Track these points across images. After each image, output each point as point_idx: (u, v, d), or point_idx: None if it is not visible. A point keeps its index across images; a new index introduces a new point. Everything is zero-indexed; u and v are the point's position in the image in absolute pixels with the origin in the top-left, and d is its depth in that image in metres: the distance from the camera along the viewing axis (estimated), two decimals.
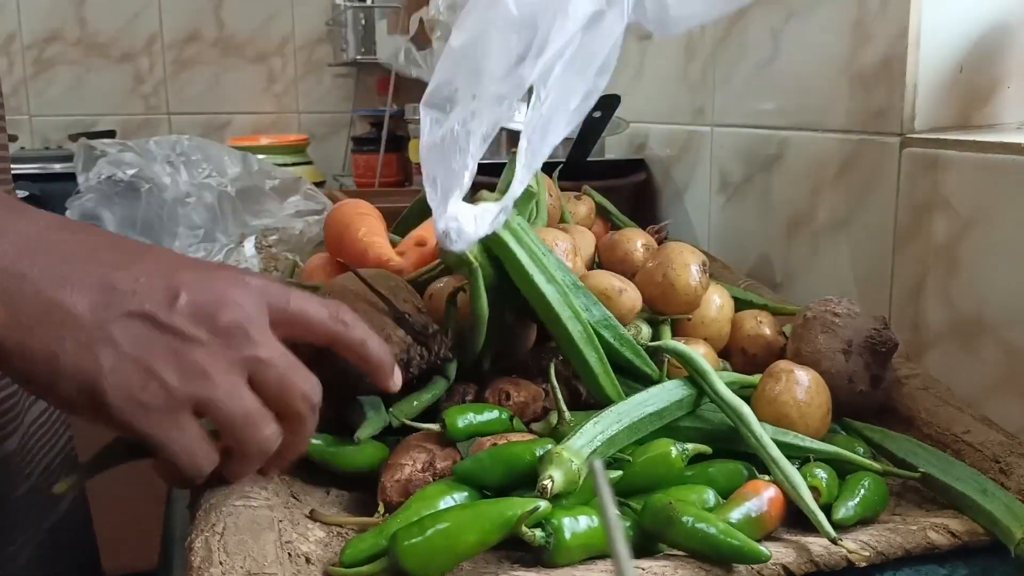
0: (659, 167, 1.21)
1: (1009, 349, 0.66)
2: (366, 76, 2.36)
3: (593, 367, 0.62)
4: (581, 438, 0.53)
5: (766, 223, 0.97)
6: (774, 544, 0.51)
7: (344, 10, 2.16)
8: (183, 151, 1.21)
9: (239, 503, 0.50)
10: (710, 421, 0.60)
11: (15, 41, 2.15)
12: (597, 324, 0.64)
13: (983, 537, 0.53)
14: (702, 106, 1.09)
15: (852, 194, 0.83)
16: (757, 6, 0.96)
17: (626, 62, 1.30)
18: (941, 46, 0.75)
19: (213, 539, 0.46)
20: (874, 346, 0.64)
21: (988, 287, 0.68)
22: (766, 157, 0.96)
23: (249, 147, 2.04)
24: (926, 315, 0.74)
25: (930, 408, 0.66)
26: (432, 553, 0.47)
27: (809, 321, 0.67)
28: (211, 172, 1.20)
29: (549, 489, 0.49)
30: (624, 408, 0.57)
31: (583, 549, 0.49)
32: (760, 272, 0.97)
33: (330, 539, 0.52)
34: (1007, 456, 0.58)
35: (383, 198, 1.20)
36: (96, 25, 2.19)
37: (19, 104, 2.18)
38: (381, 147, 2.06)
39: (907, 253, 0.76)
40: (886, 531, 0.52)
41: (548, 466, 0.50)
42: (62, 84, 2.20)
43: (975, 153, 0.69)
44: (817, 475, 0.55)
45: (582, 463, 0.51)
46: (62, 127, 2.12)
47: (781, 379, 0.61)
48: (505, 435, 0.58)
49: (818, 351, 0.65)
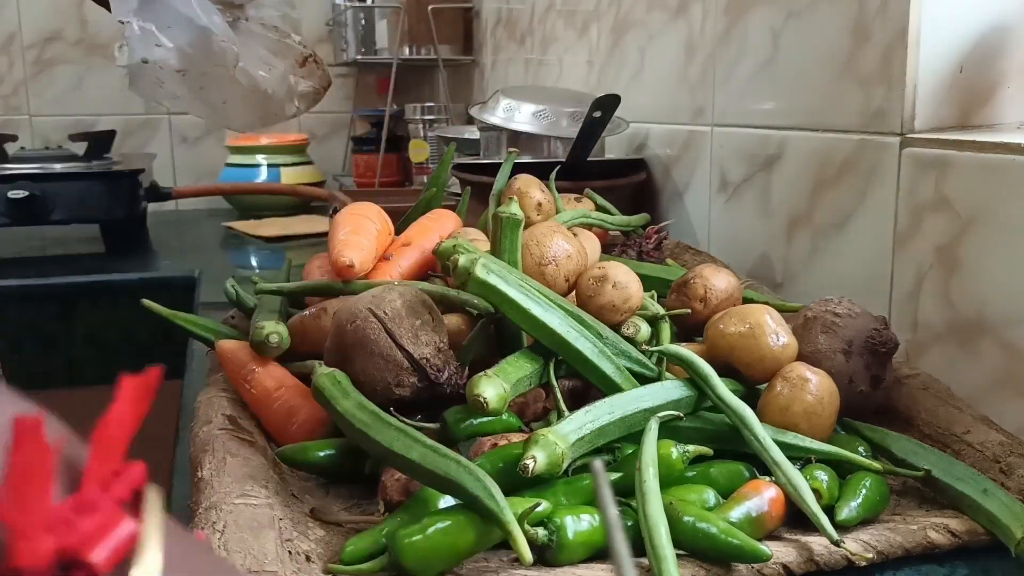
0: (659, 167, 1.21)
1: (1009, 349, 0.66)
2: (366, 76, 2.36)
3: (614, 378, 0.61)
4: (570, 424, 0.53)
5: (766, 223, 0.97)
6: (775, 543, 0.51)
7: (344, 10, 2.16)
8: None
9: (239, 501, 0.50)
10: (711, 422, 0.60)
11: (15, 41, 2.15)
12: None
13: (983, 537, 0.53)
14: (702, 106, 1.09)
15: (852, 194, 0.83)
16: (757, 6, 0.96)
17: (626, 62, 1.30)
18: (941, 46, 0.75)
19: (213, 537, 0.47)
20: (874, 346, 0.64)
21: (988, 287, 0.68)
22: (766, 157, 0.96)
23: (249, 147, 2.04)
24: (926, 315, 0.74)
25: (930, 408, 0.66)
26: (432, 551, 0.47)
27: (809, 321, 0.67)
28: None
29: (531, 468, 0.49)
30: (618, 401, 0.57)
31: (585, 548, 0.49)
32: (760, 272, 0.97)
33: (331, 537, 0.52)
34: (1007, 456, 0.58)
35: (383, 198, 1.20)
36: (96, 25, 2.19)
37: (19, 104, 2.19)
38: (381, 147, 2.06)
39: (907, 253, 0.76)
40: (886, 531, 0.53)
41: (532, 447, 0.51)
42: (62, 84, 2.20)
43: (975, 153, 0.69)
44: (818, 477, 0.55)
45: (567, 447, 0.52)
46: (62, 127, 2.12)
47: (795, 384, 0.60)
48: (506, 435, 0.58)
49: (818, 351, 0.65)
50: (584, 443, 0.54)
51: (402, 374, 0.60)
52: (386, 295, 0.63)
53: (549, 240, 0.70)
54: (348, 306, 0.63)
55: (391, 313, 0.61)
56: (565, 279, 0.70)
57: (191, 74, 0.83)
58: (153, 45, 0.80)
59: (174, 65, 0.81)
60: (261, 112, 0.92)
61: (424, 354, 0.61)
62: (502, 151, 1.29)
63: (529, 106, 1.26)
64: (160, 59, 0.81)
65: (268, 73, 0.89)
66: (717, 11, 1.04)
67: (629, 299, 0.68)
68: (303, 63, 0.93)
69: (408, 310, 0.62)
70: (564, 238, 0.71)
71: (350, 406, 0.55)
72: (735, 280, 0.75)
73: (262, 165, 2.03)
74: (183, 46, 0.81)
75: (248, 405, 0.67)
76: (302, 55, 0.93)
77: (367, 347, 0.60)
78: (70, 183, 1.51)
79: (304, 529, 0.51)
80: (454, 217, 0.90)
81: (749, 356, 0.63)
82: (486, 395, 0.54)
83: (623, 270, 0.69)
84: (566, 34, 1.54)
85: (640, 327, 0.68)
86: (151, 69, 0.81)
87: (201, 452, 0.57)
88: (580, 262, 0.71)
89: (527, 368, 0.60)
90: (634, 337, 0.67)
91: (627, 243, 0.90)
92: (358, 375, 0.60)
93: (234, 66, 0.84)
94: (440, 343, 0.62)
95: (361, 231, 0.80)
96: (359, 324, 0.61)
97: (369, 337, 0.60)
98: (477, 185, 1.05)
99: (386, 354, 0.60)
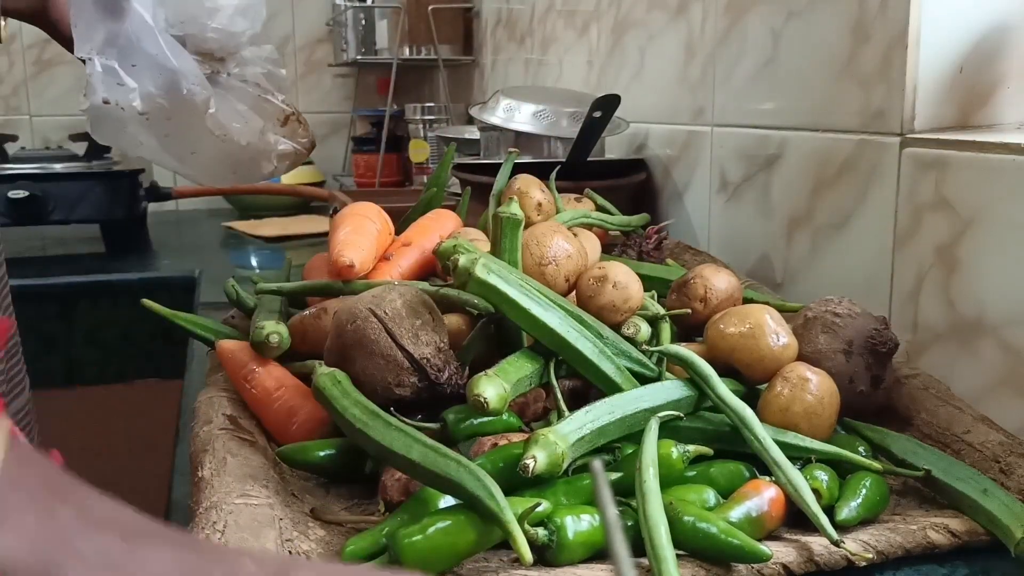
0: (659, 167, 1.21)
1: (1009, 349, 0.66)
2: (366, 76, 2.36)
3: (614, 379, 0.61)
4: (570, 424, 0.53)
5: (766, 223, 0.97)
6: (774, 543, 0.51)
7: (344, 10, 2.16)
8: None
9: (240, 501, 0.50)
10: (711, 422, 0.60)
11: (15, 41, 2.15)
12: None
13: (983, 537, 0.53)
14: (702, 106, 1.09)
15: (852, 194, 0.83)
16: (757, 6, 0.96)
17: (626, 62, 1.30)
18: (941, 46, 0.75)
19: (214, 537, 0.47)
20: (875, 346, 0.64)
21: (988, 287, 0.68)
22: (766, 157, 0.96)
23: None
24: (926, 315, 0.74)
25: (930, 408, 0.66)
26: (432, 551, 0.47)
27: (810, 321, 0.67)
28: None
29: (531, 468, 0.49)
30: (618, 401, 0.57)
31: (585, 548, 0.49)
32: (760, 272, 0.97)
33: (331, 537, 0.52)
34: (1007, 456, 0.59)
35: (383, 198, 1.20)
36: None
37: (19, 104, 2.19)
38: (381, 147, 2.06)
39: (907, 253, 0.76)
40: (886, 531, 0.53)
41: (532, 446, 0.51)
42: (62, 84, 2.20)
43: (975, 153, 0.69)
44: (818, 477, 0.55)
45: (567, 447, 0.52)
46: (62, 127, 2.11)
47: (796, 384, 0.60)
48: (506, 435, 0.58)
49: (819, 351, 0.65)
50: (584, 443, 0.54)
51: (402, 374, 0.60)
52: (386, 295, 0.63)
53: (549, 240, 0.70)
54: (348, 306, 0.63)
55: (391, 313, 0.61)
56: (565, 279, 0.70)
57: (155, 119, 0.78)
58: (115, 84, 0.76)
59: (137, 108, 0.77)
60: (234, 166, 0.87)
61: (424, 354, 0.61)
62: (502, 151, 1.29)
63: (529, 106, 1.26)
64: (121, 100, 0.76)
65: (244, 126, 0.84)
66: (717, 11, 1.04)
67: (629, 299, 0.68)
68: (284, 121, 0.88)
69: (408, 310, 0.62)
70: (564, 238, 0.71)
71: (350, 406, 0.55)
72: (735, 280, 0.75)
73: None
74: (148, 88, 0.76)
75: (248, 405, 0.67)
76: (284, 113, 0.88)
77: (367, 347, 0.60)
78: (70, 183, 1.51)
79: (304, 529, 0.51)
80: (454, 217, 0.90)
81: (749, 356, 0.63)
82: (486, 395, 0.54)
83: (623, 270, 0.69)
84: (566, 34, 1.54)
85: (640, 327, 0.68)
86: (113, 111, 0.77)
87: (201, 452, 0.57)
88: (580, 262, 0.71)
89: (527, 368, 0.60)
90: (634, 337, 0.67)
91: (627, 243, 0.90)
92: (358, 375, 0.60)
93: (204, 112, 0.79)
94: (440, 343, 0.62)
95: (361, 231, 0.80)
96: (359, 324, 0.61)
97: (369, 337, 0.60)
98: (477, 185, 1.05)
99: (386, 354, 0.60)
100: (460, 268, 0.61)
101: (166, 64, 0.76)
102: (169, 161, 0.85)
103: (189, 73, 0.77)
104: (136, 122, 0.78)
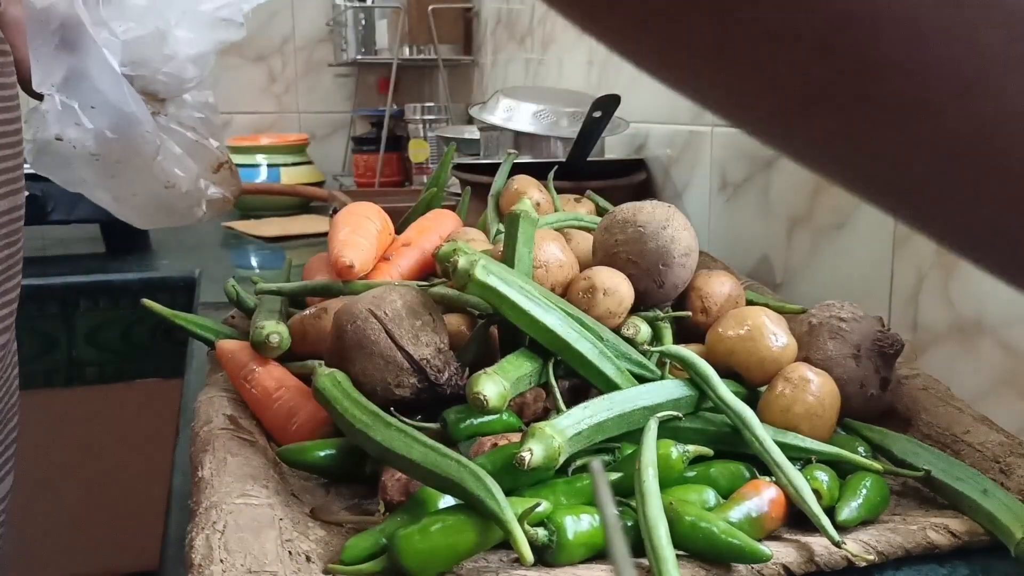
0: (659, 167, 1.21)
1: (1009, 349, 0.66)
2: (366, 76, 2.36)
3: (615, 380, 0.61)
4: (568, 419, 0.53)
5: (766, 223, 0.97)
6: (775, 543, 0.51)
7: (344, 10, 2.16)
8: None
9: (240, 501, 0.50)
10: (712, 422, 0.60)
11: None
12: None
13: (983, 537, 0.53)
14: None
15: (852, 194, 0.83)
16: None
17: (626, 62, 1.30)
18: None
19: (214, 537, 0.46)
20: (882, 348, 0.64)
21: (988, 287, 0.68)
22: (766, 157, 0.96)
23: (249, 147, 2.04)
24: (926, 315, 0.74)
25: (930, 408, 0.65)
26: (432, 552, 0.47)
27: (815, 328, 0.66)
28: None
29: (527, 461, 0.49)
30: (617, 398, 0.57)
31: (585, 548, 0.49)
32: (760, 272, 0.97)
33: (331, 537, 0.52)
34: (1007, 456, 0.58)
35: (383, 198, 1.20)
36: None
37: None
38: (381, 147, 2.07)
39: (907, 253, 0.76)
40: (886, 531, 0.53)
41: (528, 440, 0.51)
42: None
43: None
44: (818, 478, 0.55)
45: (564, 441, 0.51)
46: None
47: (797, 385, 0.60)
48: (506, 435, 0.58)
49: (829, 358, 0.64)
50: (582, 438, 0.54)
51: (402, 375, 0.60)
52: (386, 295, 0.63)
53: (543, 244, 0.70)
54: (348, 306, 0.63)
55: (391, 314, 0.61)
56: (551, 288, 0.69)
57: (105, 160, 0.79)
58: (72, 123, 0.77)
59: (90, 148, 0.78)
60: (168, 211, 0.89)
61: (424, 355, 0.61)
62: (502, 151, 1.29)
63: (529, 106, 1.26)
64: (75, 139, 0.78)
65: (184, 173, 0.86)
66: None
67: (622, 301, 0.68)
68: (217, 169, 0.90)
69: (408, 311, 0.62)
70: (560, 247, 0.71)
71: (350, 406, 0.55)
72: (733, 281, 0.75)
73: (262, 165, 2.03)
74: (104, 130, 0.78)
75: (248, 405, 0.67)
76: (218, 160, 0.90)
77: (367, 348, 0.60)
78: None
79: (304, 529, 0.51)
80: (454, 217, 0.90)
81: (749, 359, 0.63)
82: (486, 393, 0.54)
83: (608, 274, 0.69)
84: (566, 34, 1.54)
85: (640, 328, 0.68)
86: (63, 147, 0.78)
87: (201, 452, 0.57)
88: (570, 273, 0.71)
89: (527, 367, 0.60)
90: (634, 338, 0.67)
91: None
92: (358, 375, 0.60)
93: (153, 159, 0.81)
94: (440, 344, 0.62)
95: (361, 231, 0.80)
96: (359, 325, 0.61)
97: (369, 338, 0.60)
98: (477, 185, 1.05)
99: (386, 355, 0.60)
100: (460, 270, 0.61)
101: (124, 108, 0.77)
102: (108, 200, 0.87)
103: (144, 119, 0.79)
104: (83, 160, 0.80)
